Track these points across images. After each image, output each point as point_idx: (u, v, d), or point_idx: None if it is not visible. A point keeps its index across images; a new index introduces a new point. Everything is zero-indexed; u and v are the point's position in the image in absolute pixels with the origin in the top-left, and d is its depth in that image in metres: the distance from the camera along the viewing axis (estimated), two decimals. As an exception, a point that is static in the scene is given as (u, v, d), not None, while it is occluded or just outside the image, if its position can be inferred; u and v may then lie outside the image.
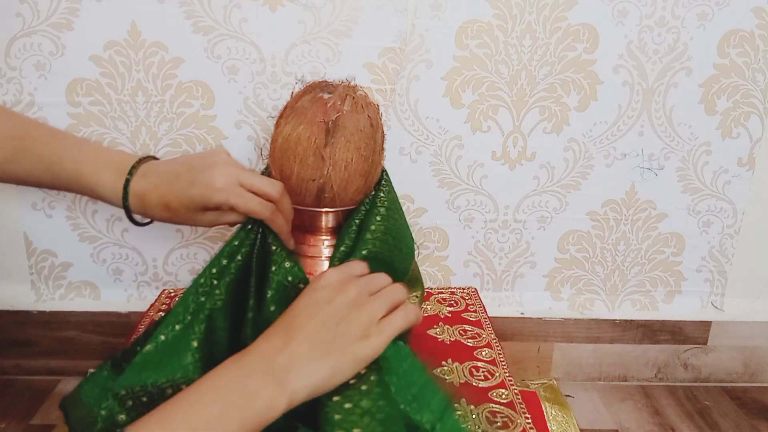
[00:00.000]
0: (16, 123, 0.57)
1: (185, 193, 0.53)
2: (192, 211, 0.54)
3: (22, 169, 0.56)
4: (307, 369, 0.42)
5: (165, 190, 0.54)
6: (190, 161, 0.55)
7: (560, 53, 0.83)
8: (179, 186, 0.53)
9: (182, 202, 0.54)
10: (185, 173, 0.54)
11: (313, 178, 0.58)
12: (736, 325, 0.96)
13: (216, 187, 0.52)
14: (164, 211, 0.55)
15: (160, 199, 0.54)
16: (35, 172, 0.56)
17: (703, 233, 0.93)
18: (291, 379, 0.42)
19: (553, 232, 0.92)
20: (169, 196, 0.54)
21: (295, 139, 0.58)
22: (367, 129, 0.60)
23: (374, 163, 0.61)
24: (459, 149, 0.87)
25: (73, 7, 0.77)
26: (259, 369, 0.42)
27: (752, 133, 0.88)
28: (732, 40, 0.84)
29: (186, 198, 0.53)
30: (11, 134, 0.56)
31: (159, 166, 0.56)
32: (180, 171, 0.54)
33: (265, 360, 0.43)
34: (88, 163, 0.55)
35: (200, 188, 0.53)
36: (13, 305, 0.90)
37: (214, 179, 0.52)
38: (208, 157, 0.55)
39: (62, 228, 0.87)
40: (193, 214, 0.54)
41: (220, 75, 0.81)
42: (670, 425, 0.89)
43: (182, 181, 0.53)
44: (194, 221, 0.56)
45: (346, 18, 0.80)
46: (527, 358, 0.96)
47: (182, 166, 0.55)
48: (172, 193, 0.54)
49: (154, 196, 0.54)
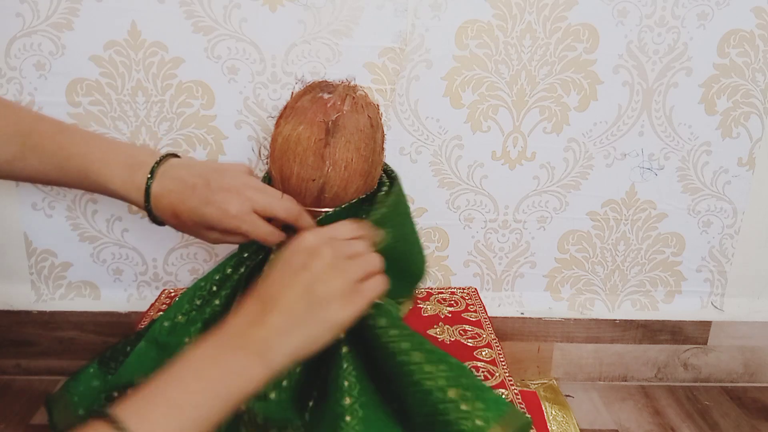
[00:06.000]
0: (23, 119, 0.56)
1: (197, 210, 0.52)
2: (200, 227, 0.53)
3: (31, 167, 0.54)
4: (286, 339, 0.42)
5: (177, 199, 0.53)
6: (209, 175, 0.53)
7: (560, 53, 0.83)
8: (193, 201, 0.52)
9: (192, 218, 0.52)
10: (201, 188, 0.52)
11: (313, 178, 0.58)
12: (736, 325, 0.96)
13: (229, 213, 0.51)
14: (172, 217, 0.54)
15: (170, 206, 0.53)
16: (44, 169, 0.54)
17: (703, 233, 0.93)
18: (270, 351, 0.42)
19: (553, 232, 0.92)
20: (181, 207, 0.52)
21: (295, 139, 0.58)
22: (367, 129, 0.60)
23: (374, 163, 0.61)
24: (459, 149, 0.87)
25: (73, 7, 0.77)
26: (238, 344, 0.42)
27: (752, 133, 0.88)
28: (732, 40, 0.84)
29: (197, 215, 0.52)
30: (19, 130, 0.54)
31: (177, 170, 0.54)
32: (197, 184, 0.52)
33: (242, 334, 0.42)
34: (97, 159, 0.53)
35: (213, 210, 0.51)
36: (13, 305, 0.90)
37: (229, 205, 0.51)
38: (227, 175, 0.54)
39: (62, 228, 0.87)
40: (201, 229, 0.54)
41: (220, 75, 0.81)
42: (670, 425, 0.89)
43: (197, 197, 0.52)
44: (199, 235, 0.55)
45: (346, 18, 0.80)
46: (527, 358, 0.96)
47: (200, 179, 0.53)
48: (184, 204, 0.52)
49: (165, 201, 0.53)
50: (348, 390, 0.47)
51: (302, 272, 0.45)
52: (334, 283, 0.45)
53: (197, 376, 0.39)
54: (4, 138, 0.54)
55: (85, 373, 0.52)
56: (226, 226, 0.52)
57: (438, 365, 0.46)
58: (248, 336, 0.42)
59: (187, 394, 0.38)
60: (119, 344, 0.53)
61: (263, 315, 0.43)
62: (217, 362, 0.40)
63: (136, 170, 0.53)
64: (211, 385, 0.39)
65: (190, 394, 0.38)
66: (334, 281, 0.45)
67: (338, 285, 0.45)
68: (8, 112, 0.55)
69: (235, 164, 0.58)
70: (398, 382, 0.47)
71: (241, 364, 0.41)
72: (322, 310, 0.44)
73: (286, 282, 0.45)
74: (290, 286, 0.44)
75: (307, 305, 0.44)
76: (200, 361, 0.40)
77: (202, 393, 0.39)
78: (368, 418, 0.47)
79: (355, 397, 0.47)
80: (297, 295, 0.44)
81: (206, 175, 0.53)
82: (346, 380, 0.48)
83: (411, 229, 0.63)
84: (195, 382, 0.39)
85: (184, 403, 0.38)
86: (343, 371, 0.48)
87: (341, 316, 0.45)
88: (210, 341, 0.42)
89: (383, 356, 0.48)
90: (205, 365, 0.40)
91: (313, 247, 0.47)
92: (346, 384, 0.48)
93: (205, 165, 0.55)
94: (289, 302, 0.44)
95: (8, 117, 0.55)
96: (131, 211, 0.87)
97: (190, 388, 0.39)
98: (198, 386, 0.39)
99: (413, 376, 0.46)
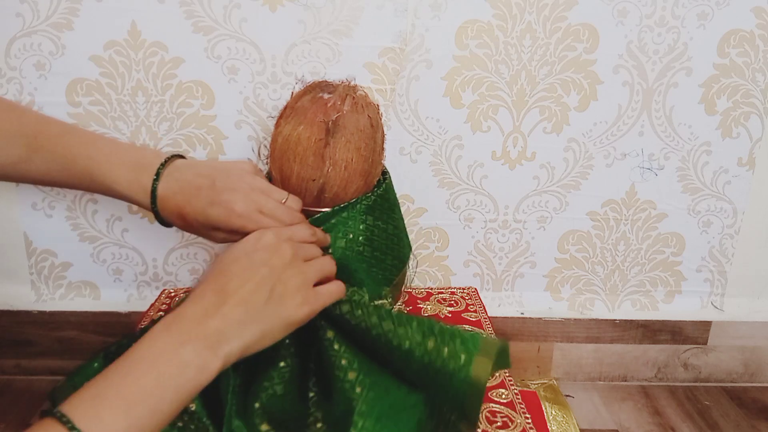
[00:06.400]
0: (29, 121, 0.55)
1: (203, 211, 0.52)
2: (206, 228, 0.53)
3: (37, 169, 0.54)
4: (240, 332, 0.43)
5: (183, 201, 0.53)
6: (214, 176, 0.53)
7: (560, 53, 0.83)
8: (199, 202, 0.52)
9: (198, 218, 0.53)
10: (207, 189, 0.52)
11: (314, 178, 0.58)
12: (736, 325, 0.96)
13: (235, 212, 0.51)
14: (178, 219, 0.54)
15: (176, 208, 0.53)
16: (49, 171, 0.54)
17: (703, 233, 0.93)
18: (223, 344, 0.42)
19: (553, 232, 0.92)
20: (187, 209, 0.53)
21: (296, 139, 0.58)
22: (368, 129, 0.60)
23: (374, 163, 0.61)
24: (459, 149, 0.87)
25: (73, 7, 0.77)
26: (192, 335, 0.41)
27: (752, 133, 0.88)
28: (732, 40, 0.84)
29: (203, 216, 0.52)
30: (24, 132, 0.54)
31: (182, 171, 0.54)
32: (202, 185, 0.53)
33: (197, 325, 0.42)
34: (103, 161, 0.54)
35: (219, 210, 0.52)
36: (13, 305, 0.90)
37: (235, 204, 0.52)
38: (233, 175, 0.54)
39: (62, 228, 0.87)
40: (207, 230, 0.54)
41: (220, 75, 0.81)
42: (670, 425, 0.89)
43: (203, 198, 0.52)
44: (205, 236, 0.55)
45: (346, 18, 0.80)
46: (527, 358, 0.96)
47: (205, 180, 0.53)
48: (190, 206, 0.53)
49: (171, 202, 0.53)
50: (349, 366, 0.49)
51: (262, 268, 0.45)
52: (293, 281, 0.46)
53: (150, 371, 0.39)
54: (9, 140, 0.53)
55: (90, 368, 0.52)
56: (232, 226, 0.52)
57: (408, 325, 0.48)
58: (203, 327, 0.42)
59: (140, 389, 0.38)
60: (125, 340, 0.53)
61: (220, 306, 0.43)
62: (170, 356, 0.40)
63: (141, 172, 0.53)
64: (165, 379, 0.39)
65: (144, 389, 0.38)
66: (292, 280, 0.46)
67: (296, 284, 0.46)
68: (13, 114, 0.55)
69: (240, 162, 0.58)
70: (382, 351, 0.49)
71: (195, 356, 0.40)
72: (279, 307, 0.45)
73: (246, 276, 0.45)
74: (249, 279, 0.45)
75: (265, 301, 0.44)
76: (154, 355, 0.40)
77: (156, 388, 0.38)
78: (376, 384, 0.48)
79: (357, 369, 0.49)
80: (255, 290, 0.44)
81: (211, 176, 0.53)
82: (344, 359, 0.49)
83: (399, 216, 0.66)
84: (148, 376, 0.39)
85: (137, 399, 0.38)
86: (336, 352, 0.50)
87: (297, 314, 0.46)
88: (163, 332, 0.42)
89: (361, 335, 0.50)
90: (158, 359, 0.40)
91: (274, 245, 0.47)
92: (344, 362, 0.49)
93: (209, 165, 0.56)
94: (247, 296, 0.44)
95: (13, 119, 0.54)
96: (131, 211, 0.87)
97: (143, 382, 0.38)
98: (151, 381, 0.38)
99: (392, 342, 0.48)
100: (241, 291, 0.44)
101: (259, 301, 0.44)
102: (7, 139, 0.53)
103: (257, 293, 0.44)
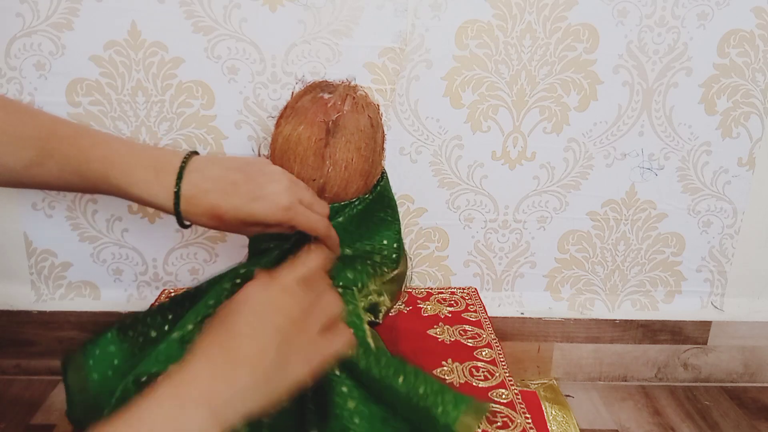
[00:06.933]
0: (41, 123, 0.52)
1: (245, 207, 0.49)
2: (245, 224, 0.51)
3: (50, 172, 0.51)
4: (246, 399, 0.41)
5: (218, 198, 0.49)
6: (245, 169, 0.51)
7: (560, 53, 0.83)
8: (238, 198, 0.49)
9: (239, 215, 0.49)
10: (244, 184, 0.49)
11: (314, 178, 0.58)
12: (736, 325, 0.96)
13: (282, 206, 0.49)
14: (211, 218, 0.50)
15: (209, 206, 0.49)
16: (64, 175, 0.51)
17: (703, 233, 0.93)
18: (228, 411, 0.40)
19: (553, 232, 0.92)
20: (224, 207, 0.49)
21: (296, 139, 0.58)
22: (368, 129, 0.60)
23: (374, 163, 0.61)
24: (459, 149, 0.87)
25: (73, 7, 0.77)
26: (196, 399, 0.39)
27: (752, 133, 0.88)
28: (732, 40, 0.84)
29: (244, 212, 0.49)
30: (37, 135, 0.51)
31: (208, 168, 0.51)
32: (237, 180, 0.50)
33: (203, 388, 0.40)
34: (118, 161, 0.50)
35: (265, 204, 0.49)
36: (13, 305, 0.90)
37: (280, 198, 0.49)
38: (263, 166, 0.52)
39: (62, 228, 0.87)
40: (245, 226, 0.51)
41: (220, 75, 0.81)
42: (670, 425, 0.89)
43: (242, 194, 0.49)
44: (241, 232, 0.52)
45: (346, 18, 0.80)
46: (527, 358, 0.96)
47: (238, 174, 0.50)
48: (229, 203, 0.49)
49: (203, 201, 0.49)
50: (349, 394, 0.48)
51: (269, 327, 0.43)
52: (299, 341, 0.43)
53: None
54: (21, 142, 0.51)
55: (103, 338, 0.51)
56: (280, 219, 0.50)
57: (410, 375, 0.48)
58: (209, 390, 0.40)
59: None
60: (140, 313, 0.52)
61: (229, 370, 0.41)
62: (172, 421, 0.38)
63: (160, 172, 0.50)
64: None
65: None
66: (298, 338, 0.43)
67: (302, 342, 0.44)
68: (26, 116, 0.52)
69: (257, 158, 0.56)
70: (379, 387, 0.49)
71: (196, 421, 0.39)
72: (285, 367, 0.42)
73: (255, 334, 0.43)
74: (258, 339, 0.42)
75: (272, 362, 0.42)
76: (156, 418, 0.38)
77: None
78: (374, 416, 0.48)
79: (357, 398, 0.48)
80: (264, 351, 0.42)
81: (243, 169, 0.51)
82: (344, 386, 0.48)
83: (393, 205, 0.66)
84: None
85: None
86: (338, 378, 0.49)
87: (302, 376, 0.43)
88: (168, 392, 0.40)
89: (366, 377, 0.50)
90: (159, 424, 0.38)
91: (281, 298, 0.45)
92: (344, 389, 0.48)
93: (233, 159, 0.53)
94: (255, 357, 0.42)
95: (26, 121, 0.52)
96: (131, 211, 0.87)
97: None
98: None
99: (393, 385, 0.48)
100: (249, 351, 0.42)
101: (266, 364, 0.42)
102: (19, 143, 0.50)
103: (264, 354, 0.42)
